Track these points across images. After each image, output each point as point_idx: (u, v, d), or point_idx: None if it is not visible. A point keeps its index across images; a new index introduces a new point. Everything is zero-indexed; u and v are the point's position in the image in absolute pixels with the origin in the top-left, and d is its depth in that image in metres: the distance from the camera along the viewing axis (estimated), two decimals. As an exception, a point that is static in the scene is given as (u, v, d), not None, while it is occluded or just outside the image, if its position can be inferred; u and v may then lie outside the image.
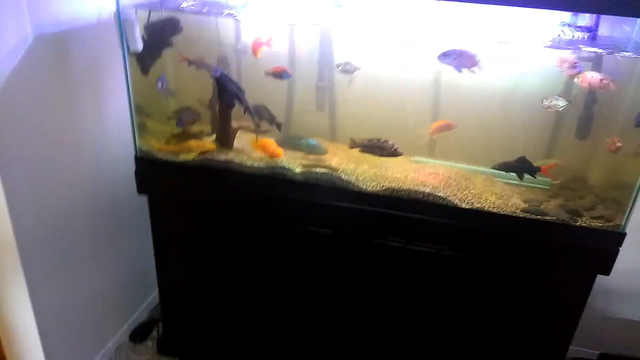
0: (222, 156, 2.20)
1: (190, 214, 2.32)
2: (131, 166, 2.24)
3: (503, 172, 2.17)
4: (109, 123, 2.34)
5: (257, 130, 2.21)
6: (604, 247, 1.93)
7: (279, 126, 2.24)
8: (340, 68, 2.10)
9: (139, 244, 2.71)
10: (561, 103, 1.97)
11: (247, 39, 2.23)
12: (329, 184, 2.12)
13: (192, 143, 2.21)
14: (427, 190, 2.06)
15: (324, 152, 2.25)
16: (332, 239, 2.18)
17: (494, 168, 2.13)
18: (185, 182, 2.23)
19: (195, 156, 2.20)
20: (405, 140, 2.21)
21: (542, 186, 2.22)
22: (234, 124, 2.25)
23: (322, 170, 2.14)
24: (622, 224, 1.91)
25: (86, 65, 2.12)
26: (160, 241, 2.42)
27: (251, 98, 2.19)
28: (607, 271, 1.96)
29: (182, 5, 2.00)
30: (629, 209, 1.88)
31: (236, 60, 2.30)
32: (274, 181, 2.15)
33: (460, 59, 1.91)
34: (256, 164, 2.18)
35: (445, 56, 1.92)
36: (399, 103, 2.23)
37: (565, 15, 2.01)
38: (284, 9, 2.16)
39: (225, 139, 2.26)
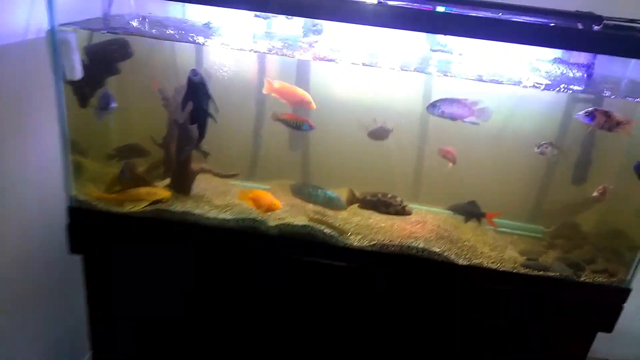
0: (180, 206, 1.84)
1: (136, 276, 1.91)
2: (63, 218, 1.80)
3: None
4: (38, 164, 1.87)
5: (222, 174, 1.88)
6: (607, 304, 1.79)
7: (205, 154, 1.87)
8: (370, 134, 1.82)
9: (68, 304, 2.23)
10: (554, 150, 1.83)
11: (211, 63, 1.91)
12: (309, 239, 1.82)
13: (142, 191, 1.82)
14: (421, 245, 1.82)
15: (343, 207, 1.92)
16: (312, 302, 1.88)
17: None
18: (132, 239, 1.83)
19: (146, 206, 1.81)
20: (389, 184, 1.99)
21: (534, 234, 2.08)
22: (193, 166, 1.89)
23: (299, 223, 1.83)
24: (628, 278, 1.78)
25: (10, 92, 1.67)
26: (98, 308, 1.98)
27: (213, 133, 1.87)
28: (609, 328, 1.82)
29: (134, 25, 1.64)
30: (635, 263, 1.76)
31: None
32: (243, 236, 1.82)
33: (450, 109, 1.69)
34: (221, 216, 1.84)
35: (433, 107, 1.70)
36: (378, 144, 1.99)
37: (557, 51, 1.89)
38: (255, 32, 1.87)
39: (181, 184, 1.89)
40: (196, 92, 1.65)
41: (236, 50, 1.88)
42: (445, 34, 1.75)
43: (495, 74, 1.76)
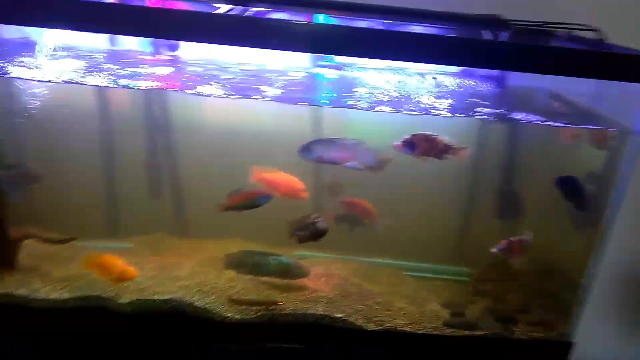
0: (-3, 286, 1.37)
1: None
2: None
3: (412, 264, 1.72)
4: None
5: (53, 239, 1.44)
6: (547, 361, 1.49)
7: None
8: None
9: None
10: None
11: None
12: (177, 315, 1.40)
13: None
14: (320, 310, 1.45)
15: (306, 274, 1.54)
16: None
17: None
18: None
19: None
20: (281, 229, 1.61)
21: (460, 278, 1.76)
22: (13, 231, 1.43)
23: (161, 297, 1.41)
24: (569, 331, 1.48)
25: None
26: None
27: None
28: (552, 389, 1.52)
29: None
30: (578, 311, 1.47)
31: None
32: (87, 319, 1.38)
33: (328, 153, 1.34)
34: (55, 295, 1.38)
35: (307, 151, 1.34)
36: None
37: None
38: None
39: (1, 256, 1.43)
40: None
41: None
42: (326, 53, 1.40)
43: (392, 94, 1.43)
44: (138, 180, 1.61)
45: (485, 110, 1.38)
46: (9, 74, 1.27)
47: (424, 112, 1.30)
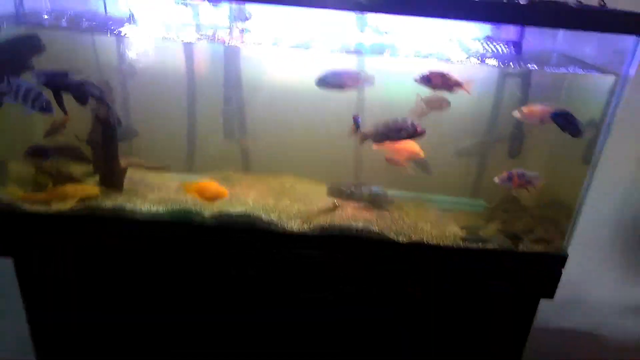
0: (109, 202, 1.78)
1: (71, 276, 1.85)
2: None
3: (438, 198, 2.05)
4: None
5: (152, 167, 1.83)
6: (546, 271, 1.81)
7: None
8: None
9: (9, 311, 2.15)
10: None
11: (136, 56, 1.85)
12: (248, 227, 1.79)
13: (69, 188, 1.76)
14: (360, 225, 1.81)
15: (391, 202, 1.95)
16: (250, 291, 1.85)
17: None
18: (63, 238, 1.77)
19: (74, 204, 1.75)
20: (333, 167, 1.97)
21: (476, 209, 2.09)
22: (122, 161, 1.83)
23: (237, 211, 1.80)
24: (563, 245, 1.80)
25: None
26: (36, 311, 1.92)
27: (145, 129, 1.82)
28: (551, 294, 1.84)
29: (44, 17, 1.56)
30: (569, 230, 1.79)
31: (122, 83, 1.90)
32: (177, 228, 1.77)
33: (339, 79, 1.70)
34: (154, 209, 1.78)
35: (322, 81, 1.68)
36: (317, 127, 1.97)
37: (487, 28, 1.89)
38: (179, 20, 1.81)
39: (112, 180, 1.83)
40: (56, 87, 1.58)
41: (162, 40, 1.82)
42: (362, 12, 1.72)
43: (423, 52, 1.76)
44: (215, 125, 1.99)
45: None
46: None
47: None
